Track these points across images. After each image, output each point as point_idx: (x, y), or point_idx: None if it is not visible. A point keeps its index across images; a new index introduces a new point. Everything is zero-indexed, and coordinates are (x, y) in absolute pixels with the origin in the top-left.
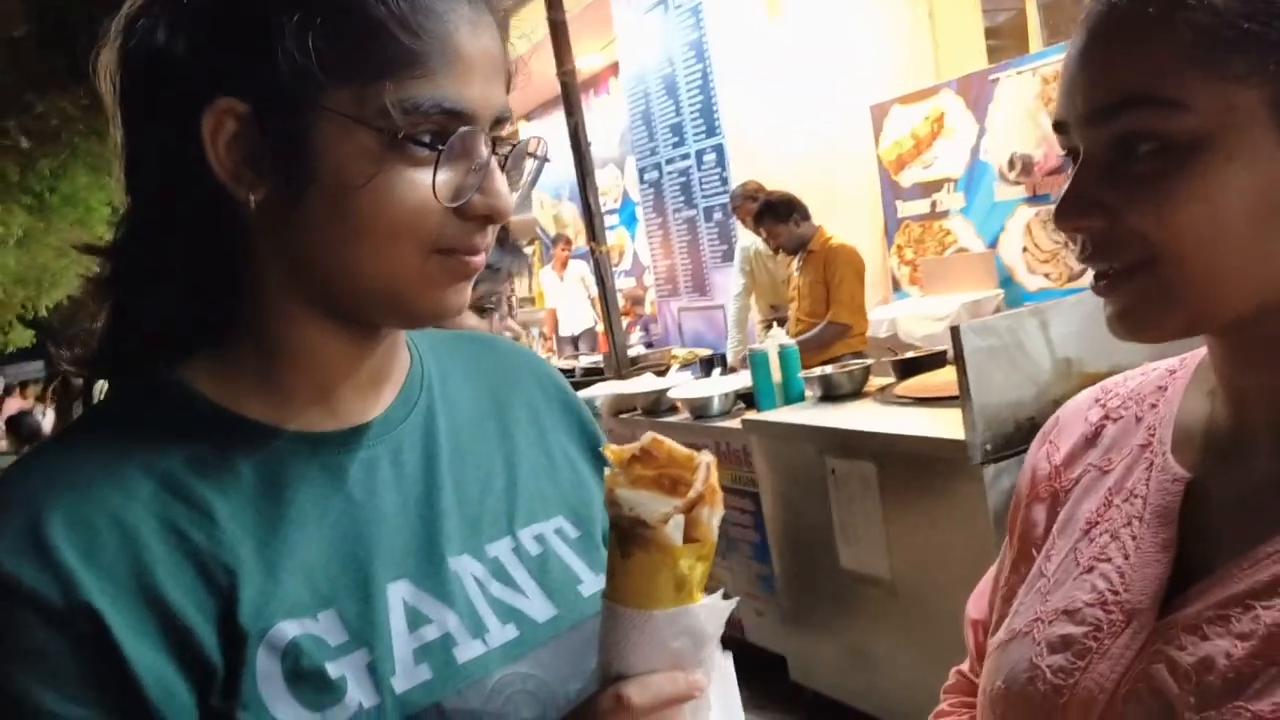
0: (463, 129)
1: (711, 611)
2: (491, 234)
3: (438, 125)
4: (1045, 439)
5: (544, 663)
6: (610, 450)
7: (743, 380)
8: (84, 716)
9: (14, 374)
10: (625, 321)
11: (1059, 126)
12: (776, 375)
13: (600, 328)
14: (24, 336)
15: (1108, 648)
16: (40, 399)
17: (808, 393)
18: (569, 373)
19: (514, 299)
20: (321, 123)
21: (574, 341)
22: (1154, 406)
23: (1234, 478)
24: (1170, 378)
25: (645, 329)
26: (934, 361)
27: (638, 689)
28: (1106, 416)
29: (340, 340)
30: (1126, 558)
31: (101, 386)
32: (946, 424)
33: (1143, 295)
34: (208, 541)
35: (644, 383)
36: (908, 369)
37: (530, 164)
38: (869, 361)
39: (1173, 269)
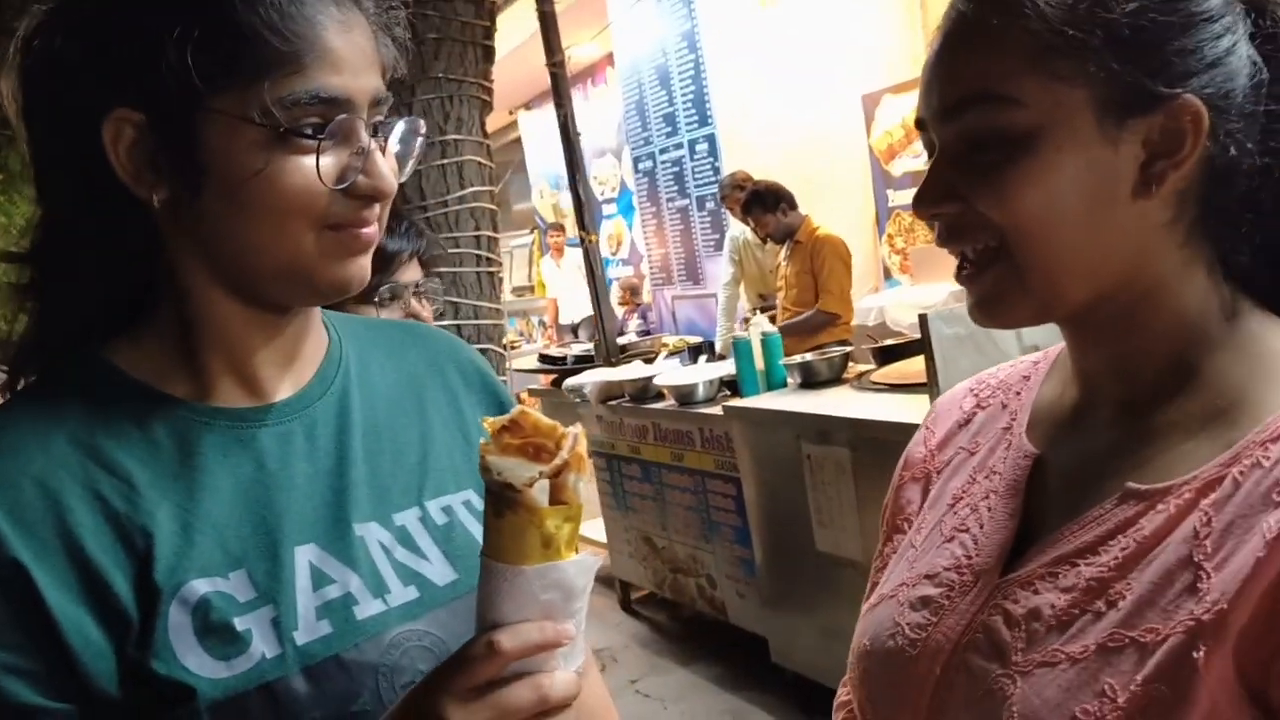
0: (340, 116)
1: (580, 567)
2: (380, 209)
3: (317, 115)
4: (924, 426)
5: (442, 622)
6: (486, 422)
7: (727, 367)
8: (10, 661)
9: None
10: (623, 310)
11: (919, 124)
12: (759, 362)
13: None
14: None
15: (957, 604)
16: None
17: (789, 379)
18: (560, 360)
19: (423, 283)
20: (210, 123)
21: (574, 329)
22: (1018, 394)
23: (1076, 450)
24: (1034, 367)
25: (644, 317)
26: (911, 349)
27: (508, 636)
28: (978, 405)
29: (251, 319)
30: (981, 527)
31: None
32: (917, 410)
33: (997, 283)
34: (127, 506)
35: (632, 370)
36: (886, 356)
37: (418, 143)
38: (849, 349)
39: (1018, 252)
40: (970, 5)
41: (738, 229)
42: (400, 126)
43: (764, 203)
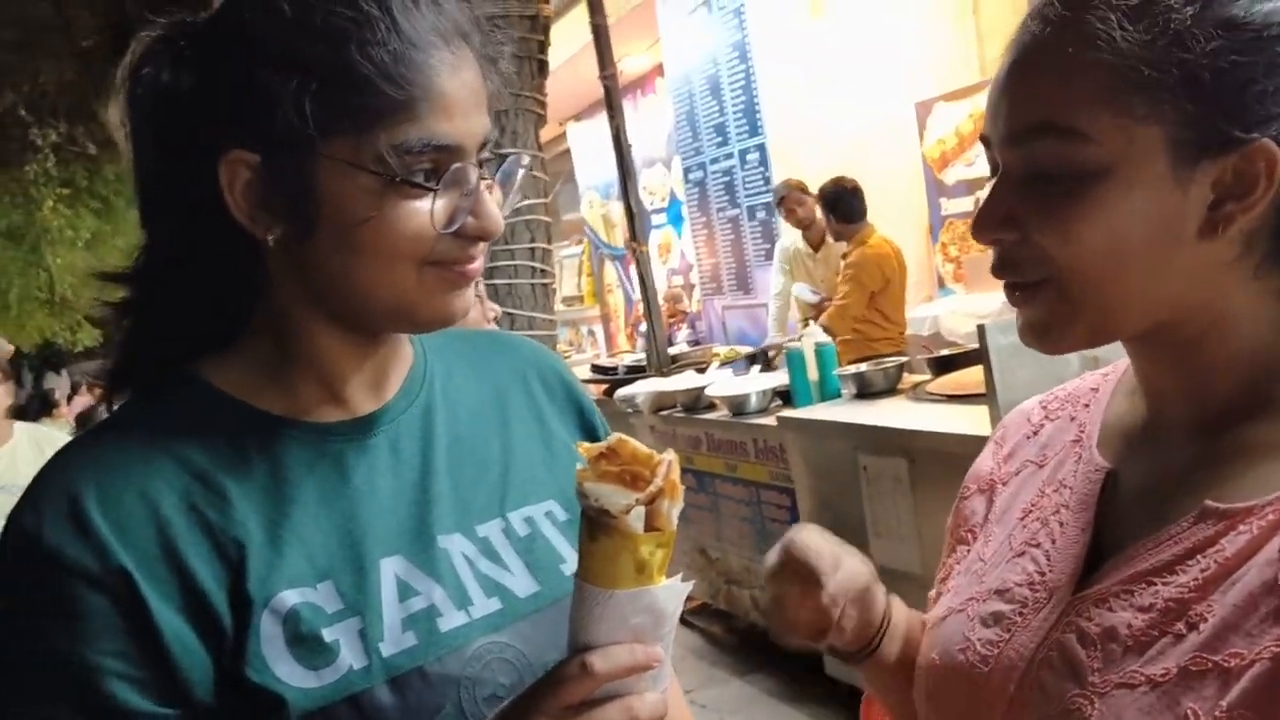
0: (454, 165)
1: (670, 592)
2: (481, 247)
3: (430, 161)
4: (993, 440)
5: (524, 634)
6: (582, 447)
7: (780, 378)
8: (118, 667)
9: (82, 371)
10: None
11: (984, 141)
12: (813, 373)
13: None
14: (91, 335)
15: (1029, 621)
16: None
17: (844, 390)
18: (612, 370)
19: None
20: (324, 170)
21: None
22: (1086, 406)
23: (1148, 467)
24: (1103, 380)
25: (692, 326)
26: (968, 359)
27: (601, 658)
28: (1047, 417)
29: (347, 344)
30: (1053, 542)
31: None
32: (976, 420)
33: (1048, 309)
34: (221, 519)
35: (684, 380)
36: (942, 366)
37: (519, 176)
38: (904, 359)
39: (1073, 286)
40: (1044, 28)
41: (789, 239)
42: (505, 163)
43: (851, 207)
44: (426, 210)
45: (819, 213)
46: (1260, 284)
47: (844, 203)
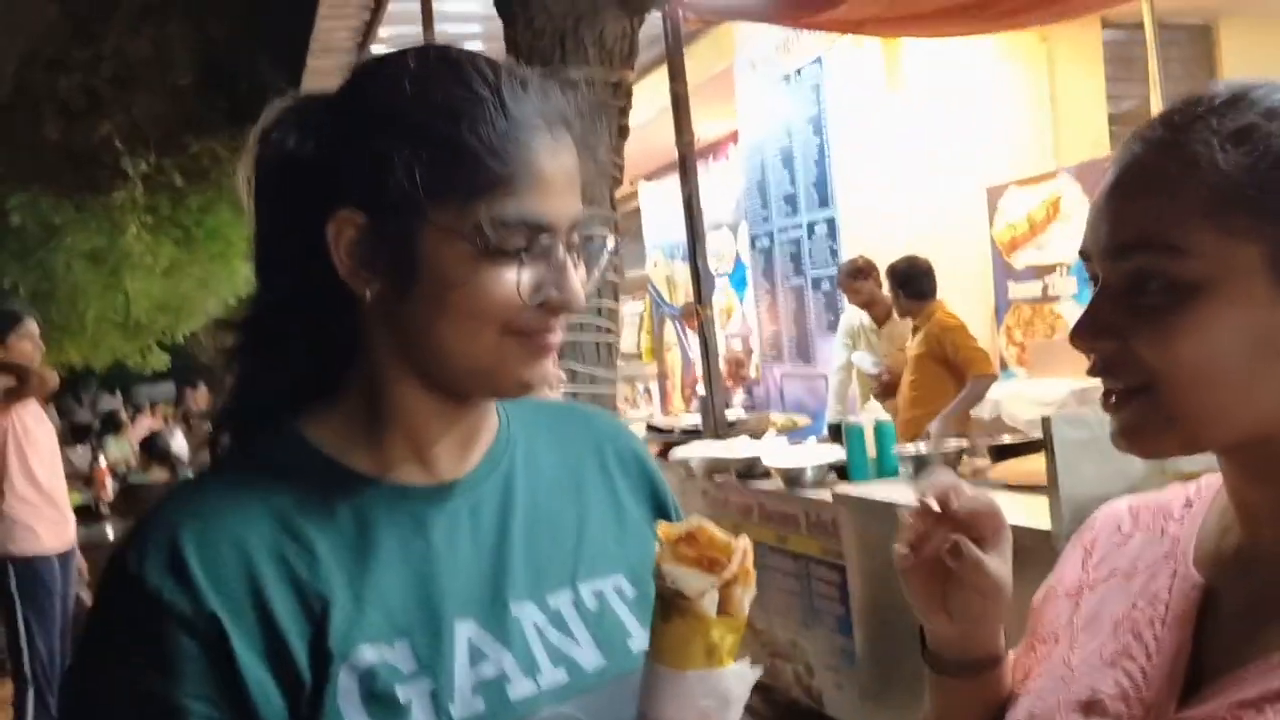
0: (543, 238)
1: (738, 677)
2: (563, 319)
3: (523, 237)
4: (1079, 540)
5: (588, 707)
6: (662, 528)
7: (837, 452)
8: (205, 712)
9: (148, 394)
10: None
11: (1084, 254)
12: (871, 450)
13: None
14: (160, 360)
15: None
16: (169, 419)
17: (901, 469)
18: (668, 431)
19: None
20: (426, 233)
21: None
22: (1180, 520)
23: (1246, 586)
24: (1196, 494)
25: (749, 392)
26: (1030, 447)
27: None
28: (1136, 527)
29: (436, 406)
30: (1149, 658)
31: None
32: (1035, 512)
33: (1142, 415)
34: (307, 572)
35: (739, 446)
36: (1003, 453)
37: (605, 256)
38: (964, 443)
39: (1170, 396)
40: (1147, 151)
41: (854, 313)
42: (591, 244)
43: (922, 286)
44: (514, 280)
45: (883, 290)
46: None
47: (915, 282)
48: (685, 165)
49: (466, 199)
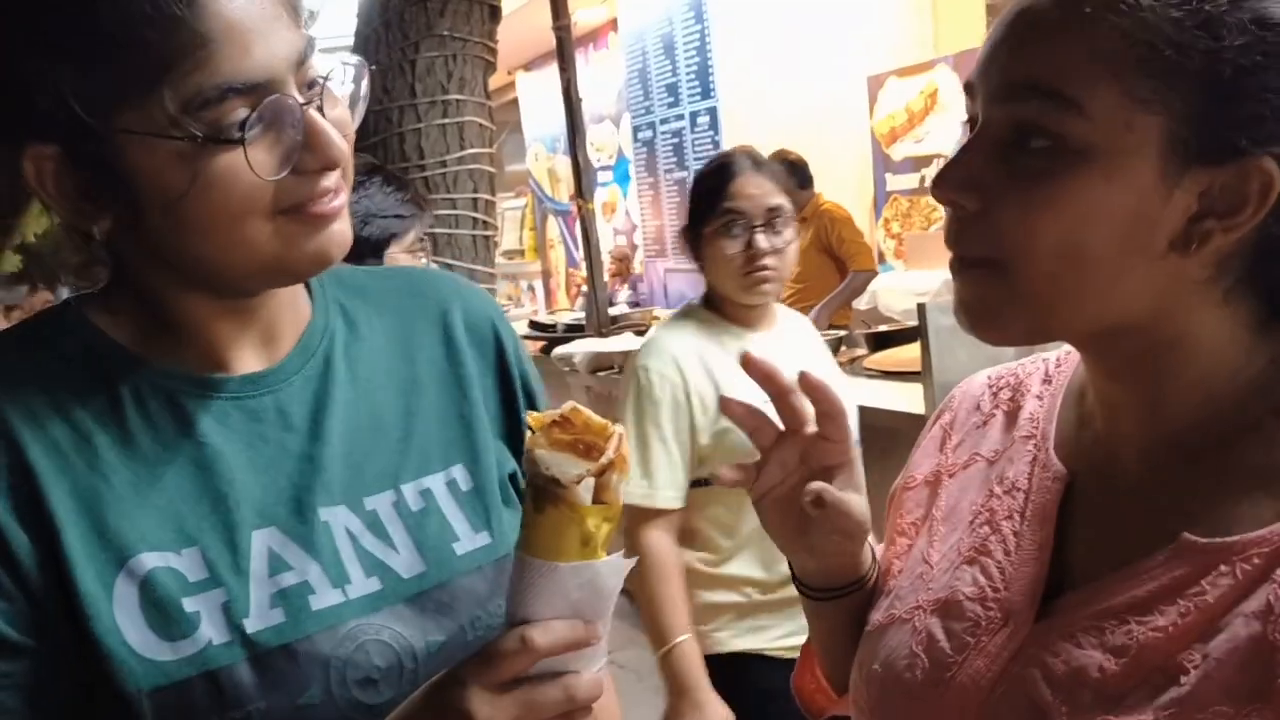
0: (267, 99)
1: (612, 568)
2: (335, 176)
3: (242, 106)
4: (938, 419)
5: (403, 616)
6: (532, 416)
7: None
8: None
9: (2, 298)
10: (612, 280)
11: (967, 90)
12: None
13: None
14: (11, 261)
15: (985, 645)
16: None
17: None
18: (550, 328)
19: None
20: (125, 146)
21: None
22: (1039, 398)
23: (1106, 482)
24: (1057, 370)
25: (633, 288)
26: (906, 336)
27: (540, 632)
28: (996, 404)
29: (227, 306)
30: (1007, 554)
31: None
32: (912, 398)
33: (986, 289)
34: (84, 465)
35: (623, 341)
36: (880, 342)
37: (366, 79)
38: (842, 333)
39: (1022, 274)
40: None
41: None
42: (339, 71)
43: (800, 176)
44: (244, 164)
45: None
46: (1226, 310)
47: (797, 174)
48: (563, 51)
49: (145, 91)
